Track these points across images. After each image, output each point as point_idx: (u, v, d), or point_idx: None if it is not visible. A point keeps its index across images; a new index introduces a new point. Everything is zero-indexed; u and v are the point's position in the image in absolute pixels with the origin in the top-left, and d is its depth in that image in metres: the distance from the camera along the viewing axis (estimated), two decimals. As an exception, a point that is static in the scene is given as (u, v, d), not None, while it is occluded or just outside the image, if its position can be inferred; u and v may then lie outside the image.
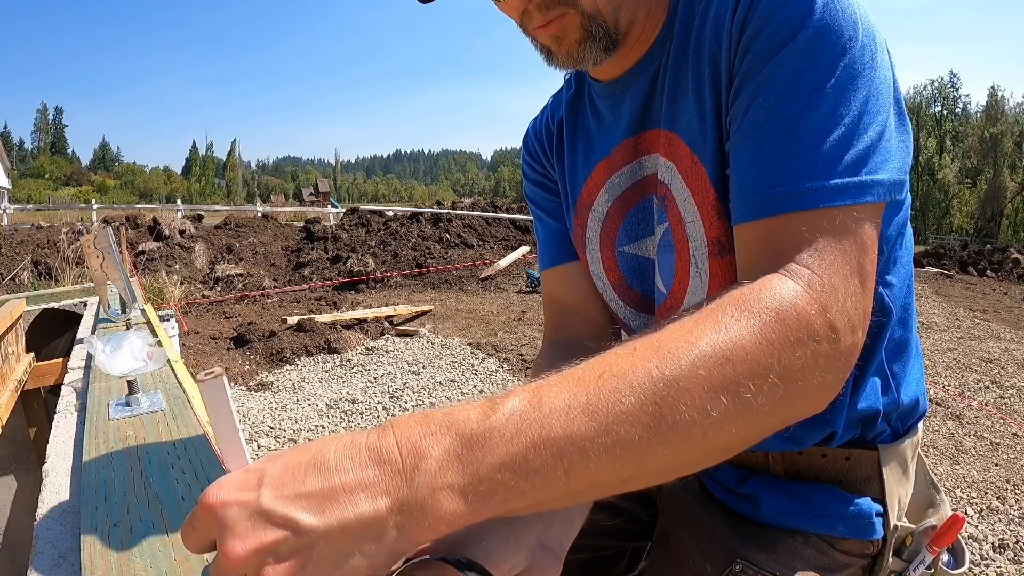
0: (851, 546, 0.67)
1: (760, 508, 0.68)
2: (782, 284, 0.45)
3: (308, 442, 0.38)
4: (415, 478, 0.35)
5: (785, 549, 0.66)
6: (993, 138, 43.43)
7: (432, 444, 0.35)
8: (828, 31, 0.50)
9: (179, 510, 0.69)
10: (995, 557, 1.37)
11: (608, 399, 0.37)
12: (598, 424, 0.37)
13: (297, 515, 0.34)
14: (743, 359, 0.40)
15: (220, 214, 10.81)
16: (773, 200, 0.49)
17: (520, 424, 0.36)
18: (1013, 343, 3.58)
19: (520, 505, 0.36)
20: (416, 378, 2.65)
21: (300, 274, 5.82)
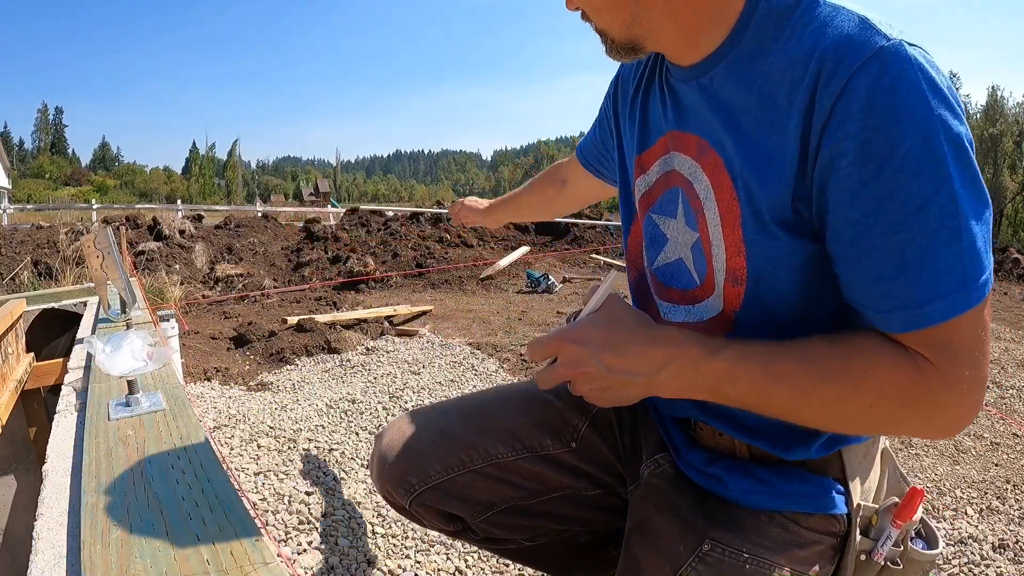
0: (816, 523, 0.72)
1: (727, 487, 0.74)
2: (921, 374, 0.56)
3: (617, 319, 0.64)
4: (657, 377, 0.61)
5: (752, 528, 0.71)
6: (993, 138, 43.38)
7: (673, 360, 0.61)
8: (932, 155, 0.53)
9: (179, 510, 0.69)
10: (995, 557, 1.37)
11: (794, 392, 0.59)
12: (778, 400, 0.60)
13: (601, 365, 0.61)
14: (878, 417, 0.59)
15: (220, 214, 10.81)
16: (911, 319, 0.56)
17: (743, 378, 0.60)
18: (1013, 343, 3.58)
19: (704, 397, 0.63)
20: (416, 378, 2.65)
21: (300, 274, 5.81)
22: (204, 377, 2.68)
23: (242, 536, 0.64)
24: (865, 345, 0.58)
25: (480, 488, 0.87)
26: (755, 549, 0.69)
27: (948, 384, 0.56)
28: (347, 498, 1.62)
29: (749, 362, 0.60)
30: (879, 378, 0.57)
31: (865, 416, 0.59)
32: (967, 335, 0.56)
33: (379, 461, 0.90)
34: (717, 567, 0.68)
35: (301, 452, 1.89)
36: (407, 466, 0.88)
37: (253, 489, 1.65)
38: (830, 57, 0.55)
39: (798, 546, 0.70)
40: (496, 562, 1.37)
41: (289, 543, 1.41)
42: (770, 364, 0.59)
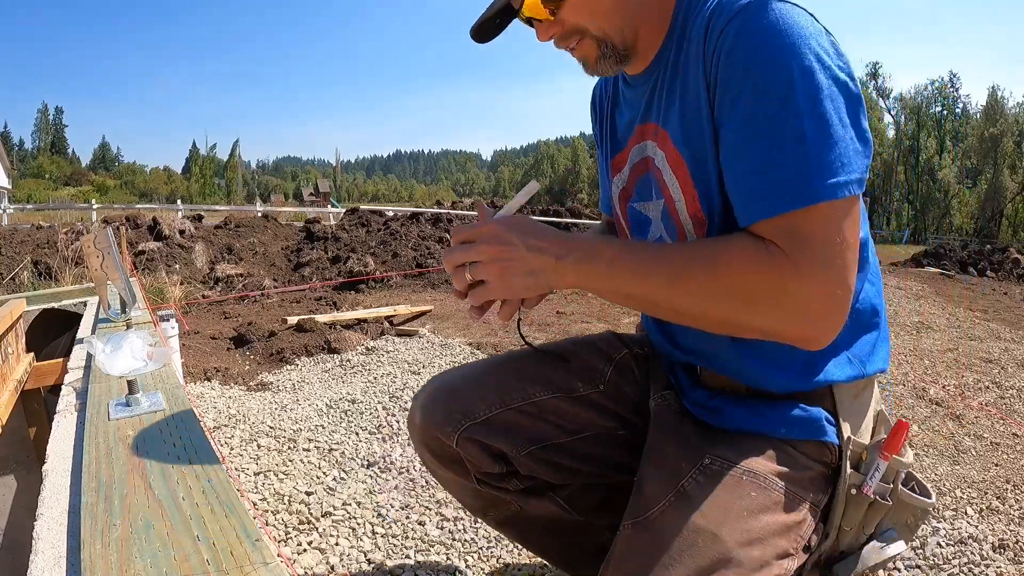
0: (809, 449, 0.79)
1: (726, 417, 0.83)
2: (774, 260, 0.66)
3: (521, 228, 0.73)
4: (564, 260, 0.71)
5: (749, 447, 0.78)
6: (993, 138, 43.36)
7: (576, 250, 0.71)
8: (782, 80, 0.66)
9: (179, 510, 0.69)
10: (995, 557, 1.37)
11: (667, 276, 0.70)
12: (650, 282, 0.70)
13: (519, 242, 0.71)
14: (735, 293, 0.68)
15: (220, 214, 10.81)
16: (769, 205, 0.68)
17: (628, 263, 0.71)
18: (1013, 343, 3.58)
19: (597, 290, 0.73)
20: (416, 378, 2.65)
21: (300, 274, 5.81)
22: (204, 377, 2.68)
23: (242, 536, 0.64)
24: (732, 240, 0.70)
25: (521, 425, 0.93)
26: (752, 464, 0.76)
27: (799, 272, 0.65)
28: (347, 498, 1.62)
29: (634, 250, 0.72)
30: (735, 264, 0.67)
31: (728, 305, 0.69)
32: (818, 229, 0.66)
33: (422, 409, 0.97)
34: (717, 479, 0.75)
35: (301, 452, 1.89)
36: (452, 406, 0.94)
37: (253, 489, 1.65)
38: (713, 19, 0.71)
39: (792, 467, 0.78)
40: (496, 562, 1.37)
41: (289, 543, 1.41)
42: (653, 254, 0.71)
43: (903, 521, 0.84)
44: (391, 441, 2.00)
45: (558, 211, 10.00)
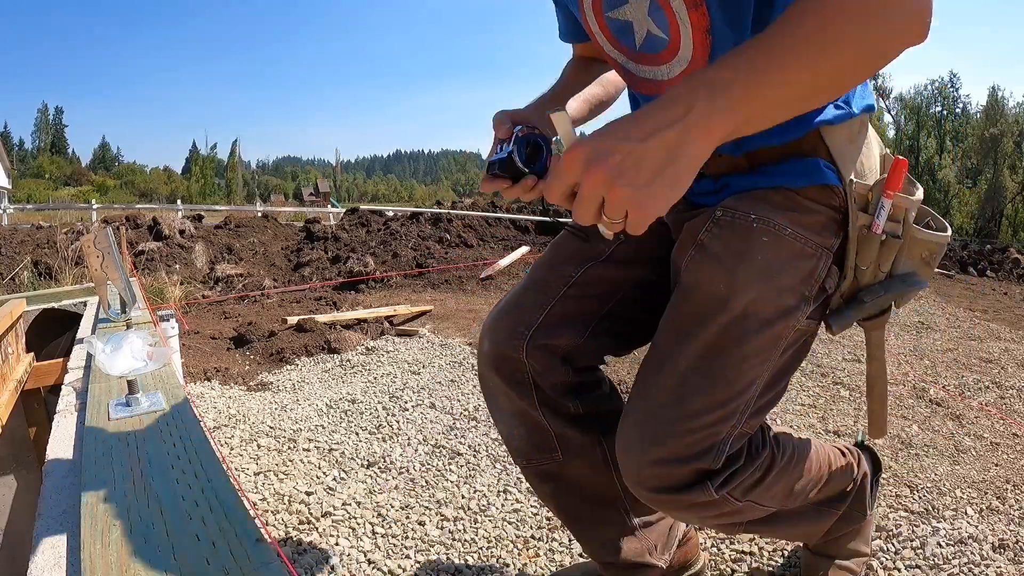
0: (813, 193, 0.82)
1: (732, 188, 0.87)
2: None
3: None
4: (694, 116, 0.56)
5: (758, 198, 0.83)
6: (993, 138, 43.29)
7: (694, 98, 0.56)
8: None
9: (179, 510, 0.69)
10: (995, 557, 1.37)
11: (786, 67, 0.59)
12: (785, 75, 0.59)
13: (622, 145, 0.55)
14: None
15: (220, 214, 10.81)
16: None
17: (753, 70, 0.58)
18: (1013, 343, 3.58)
19: (747, 118, 0.59)
20: (416, 378, 2.65)
21: (300, 274, 5.81)
22: (204, 377, 2.68)
23: (242, 536, 0.64)
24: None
25: (571, 311, 0.99)
26: (761, 211, 0.81)
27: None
28: (347, 498, 1.62)
29: (742, 57, 0.59)
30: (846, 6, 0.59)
31: (869, 44, 0.60)
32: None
33: (488, 335, 1.02)
34: (730, 227, 0.82)
35: (301, 452, 1.89)
36: (512, 322, 1.00)
37: (253, 489, 1.65)
38: None
39: (799, 211, 0.82)
40: (496, 562, 1.37)
41: (289, 543, 1.41)
42: (765, 49, 0.59)
43: (918, 257, 0.87)
44: (391, 441, 2.00)
45: (558, 211, 10.00)
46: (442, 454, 1.91)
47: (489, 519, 1.54)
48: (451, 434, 2.06)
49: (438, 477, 1.76)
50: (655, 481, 0.84)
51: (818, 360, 2.95)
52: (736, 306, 0.80)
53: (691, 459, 0.82)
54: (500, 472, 1.79)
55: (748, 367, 0.83)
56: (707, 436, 0.82)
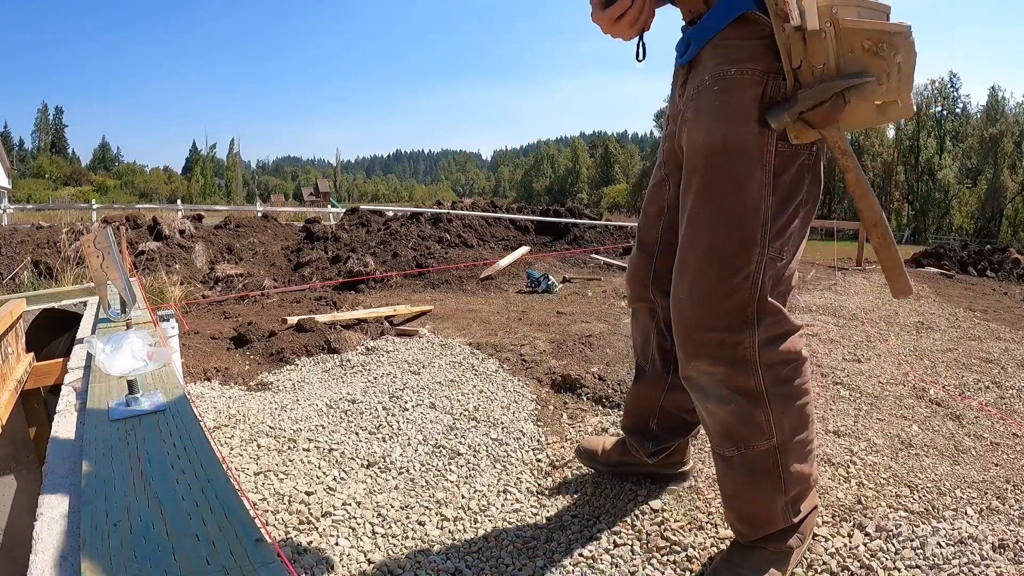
0: (745, 32, 0.98)
1: (692, 45, 1.07)
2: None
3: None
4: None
5: (706, 63, 1.04)
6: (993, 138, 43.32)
7: None
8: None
9: (179, 510, 0.69)
10: (995, 557, 1.37)
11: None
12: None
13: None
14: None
15: (220, 214, 10.80)
16: None
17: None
18: (1013, 343, 3.58)
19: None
20: (416, 378, 2.65)
21: (300, 274, 5.81)
22: (204, 377, 2.68)
23: (242, 536, 0.64)
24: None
25: (661, 236, 1.30)
26: (712, 68, 1.02)
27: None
28: (347, 498, 1.62)
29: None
30: None
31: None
32: None
33: (628, 286, 1.43)
34: (696, 96, 1.05)
35: (301, 452, 1.89)
36: (638, 285, 1.38)
37: (253, 489, 1.65)
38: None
39: (735, 51, 0.99)
40: (497, 562, 1.37)
41: (289, 543, 1.41)
42: None
43: (860, 49, 0.93)
44: (391, 441, 2.00)
45: (558, 211, 10.00)
46: (442, 454, 1.91)
47: (489, 519, 1.54)
48: (451, 434, 2.06)
49: (438, 477, 1.76)
50: (701, 313, 1.02)
51: (818, 360, 2.95)
52: (711, 146, 1.00)
53: (733, 292, 0.99)
54: (500, 472, 1.79)
55: (745, 194, 0.98)
56: (731, 269, 0.99)
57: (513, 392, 2.47)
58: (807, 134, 0.96)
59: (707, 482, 1.67)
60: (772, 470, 1.10)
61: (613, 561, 1.36)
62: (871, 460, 1.81)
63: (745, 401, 1.05)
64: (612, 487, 1.67)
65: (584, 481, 1.72)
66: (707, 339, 1.01)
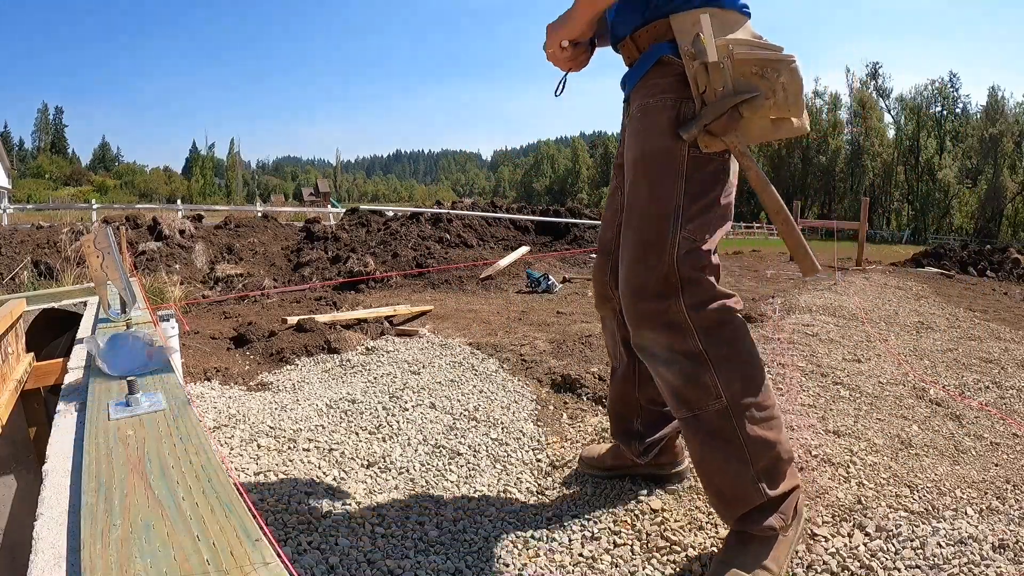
0: (663, 70, 1.23)
1: (628, 81, 1.34)
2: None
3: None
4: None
5: (638, 95, 1.29)
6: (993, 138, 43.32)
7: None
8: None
9: (179, 510, 0.69)
10: (995, 557, 1.37)
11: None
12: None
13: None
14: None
15: (220, 214, 10.80)
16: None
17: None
18: (1013, 343, 3.58)
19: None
20: (416, 378, 2.65)
21: (300, 274, 5.81)
22: (204, 377, 2.68)
23: (242, 536, 0.64)
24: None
25: (608, 235, 1.52)
26: (639, 101, 1.28)
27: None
28: (347, 498, 1.62)
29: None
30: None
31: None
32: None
33: (594, 284, 1.62)
34: (631, 125, 1.31)
35: (301, 452, 1.89)
36: (598, 273, 1.58)
37: (253, 489, 1.65)
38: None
39: (654, 87, 1.25)
40: (496, 562, 1.37)
41: (289, 543, 1.41)
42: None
43: (750, 73, 1.16)
44: (391, 441, 2.00)
45: (558, 211, 9.99)
46: (442, 454, 1.91)
47: (489, 519, 1.54)
48: (451, 434, 2.06)
49: (438, 477, 1.76)
50: (635, 285, 1.24)
51: (818, 360, 2.95)
52: (636, 158, 1.27)
53: (656, 267, 1.21)
54: (500, 472, 1.79)
55: (661, 193, 1.22)
56: (654, 250, 1.21)
57: (513, 392, 2.47)
58: (714, 143, 1.19)
59: (707, 482, 1.67)
60: (729, 434, 1.19)
61: (613, 561, 1.36)
62: (871, 460, 1.81)
63: (688, 362, 1.20)
64: (612, 487, 1.67)
65: (584, 481, 1.72)
66: (644, 307, 1.23)
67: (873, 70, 54.10)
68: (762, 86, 1.15)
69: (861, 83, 54.04)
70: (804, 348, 3.18)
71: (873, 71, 54.07)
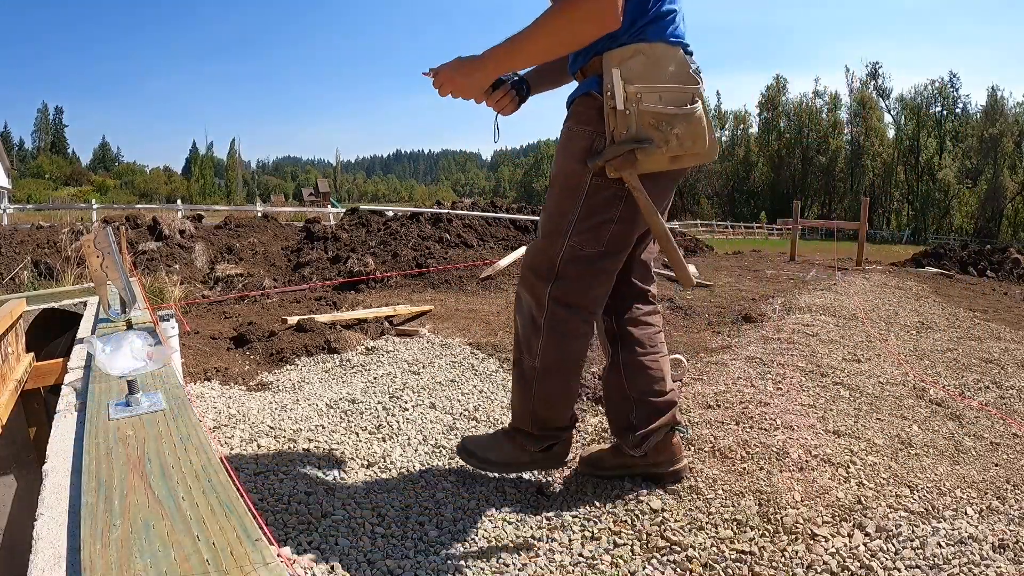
0: (587, 103, 1.43)
1: (568, 103, 1.52)
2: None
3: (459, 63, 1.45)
4: (482, 61, 1.39)
5: (567, 117, 1.50)
6: (993, 138, 43.34)
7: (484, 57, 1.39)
8: None
9: (179, 510, 0.69)
10: (995, 557, 1.37)
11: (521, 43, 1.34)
12: (521, 48, 1.35)
13: (456, 67, 1.44)
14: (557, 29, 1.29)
15: (220, 214, 10.81)
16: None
17: (504, 49, 1.35)
18: (1013, 343, 3.58)
19: (508, 66, 1.40)
20: (416, 378, 2.65)
21: (300, 274, 5.81)
22: (204, 377, 2.68)
23: (242, 536, 0.64)
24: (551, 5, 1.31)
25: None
26: (566, 124, 1.50)
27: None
28: (347, 498, 1.62)
29: (510, 38, 1.34)
30: (561, 4, 1.26)
31: (563, 25, 1.27)
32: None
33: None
34: (566, 135, 1.49)
35: (301, 452, 1.89)
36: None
37: (253, 489, 1.65)
38: None
39: (577, 115, 1.46)
40: (496, 562, 1.37)
41: (289, 543, 1.41)
42: (517, 33, 1.33)
43: (647, 124, 1.34)
44: (391, 441, 2.00)
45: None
46: (442, 454, 1.91)
47: (489, 519, 1.54)
48: (451, 434, 2.06)
49: (438, 477, 1.76)
50: (530, 262, 1.55)
51: (818, 360, 2.95)
52: (554, 173, 1.52)
53: (543, 254, 1.51)
54: (500, 472, 1.79)
55: (562, 203, 1.48)
56: (550, 243, 1.49)
57: (513, 392, 2.47)
58: (614, 174, 1.38)
59: (707, 482, 1.67)
60: (530, 383, 1.58)
61: (613, 561, 1.36)
62: (871, 460, 1.81)
63: (532, 327, 1.55)
64: (612, 487, 1.67)
65: (584, 481, 1.72)
66: (529, 277, 1.55)
67: (873, 70, 54.13)
68: (656, 138, 1.34)
69: (861, 83, 54.09)
70: (804, 348, 3.18)
71: (873, 71, 54.10)
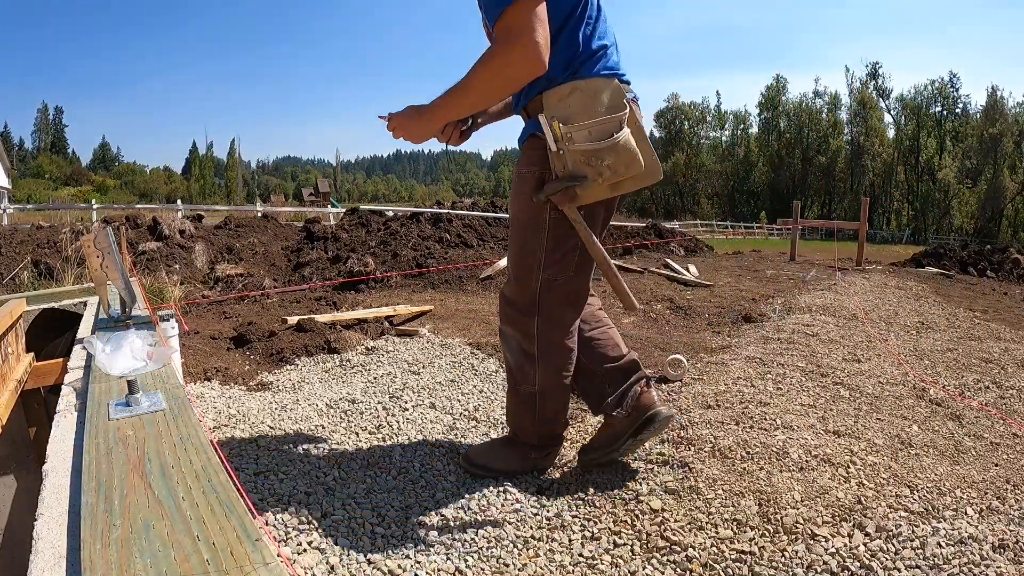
0: (532, 142, 1.52)
1: (519, 144, 1.59)
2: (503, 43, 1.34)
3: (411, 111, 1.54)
4: (429, 111, 1.48)
5: (519, 161, 1.60)
6: (993, 138, 43.33)
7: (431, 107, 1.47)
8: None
9: (179, 510, 0.69)
10: (995, 557, 1.37)
11: (461, 93, 1.42)
12: (462, 98, 1.43)
13: (411, 114, 1.52)
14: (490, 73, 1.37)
15: (220, 214, 10.81)
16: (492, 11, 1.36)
17: (446, 100, 1.44)
18: (1013, 343, 3.58)
19: (454, 115, 1.51)
20: (416, 378, 2.65)
21: (300, 274, 5.81)
22: (204, 377, 2.68)
23: (242, 536, 0.64)
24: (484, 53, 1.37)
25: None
26: (518, 167, 1.59)
27: (505, 48, 1.31)
28: (347, 498, 1.62)
29: (452, 87, 1.42)
30: (482, 61, 1.36)
31: (493, 74, 1.35)
32: (511, 21, 1.29)
33: None
34: (518, 178, 1.59)
35: (301, 452, 1.89)
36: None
37: (253, 489, 1.65)
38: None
39: (525, 158, 1.55)
40: (496, 562, 1.37)
41: (289, 543, 1.41)
42: (457, 81, 1.41)
43: (581, 161, 1.41)
44: (391, 441, 2.00)
45: (558, 211, 9.97)
46: (442, 454, 1.91)
47: (489, 519, 1.54)
48: (451, 434, 2.06)
49: (438, 477, 1.76)
50: (509, 297, 1.65)
51: (818, 360, 2.95)
52: (513, 215, 1.61)
53: (522, 293, 1.61)
54: (500, 472, 1.79)
55: (528, 242, 1.57)
56: (525, 281, 1.60)
57: (513, 392, 2.47)
58: (561, 207, 1.48)
59: (707, 482, 1.67)
60: (532, 405, 1.69)
61: (613, 561, 1.36)
62: (871, 460, 1.81)
63: (525, 357, 1.64)
64: (612, 487, 1.67)
65: (584, 481, 1.72)
66: (510, 312, 1.64)
67: (873, 70, 54.13)
68: (589, 173, 1.42)
69: (861, 83, 54.08)
70: (804, 348, 3.18)
71: (873, 71, 54.10)
